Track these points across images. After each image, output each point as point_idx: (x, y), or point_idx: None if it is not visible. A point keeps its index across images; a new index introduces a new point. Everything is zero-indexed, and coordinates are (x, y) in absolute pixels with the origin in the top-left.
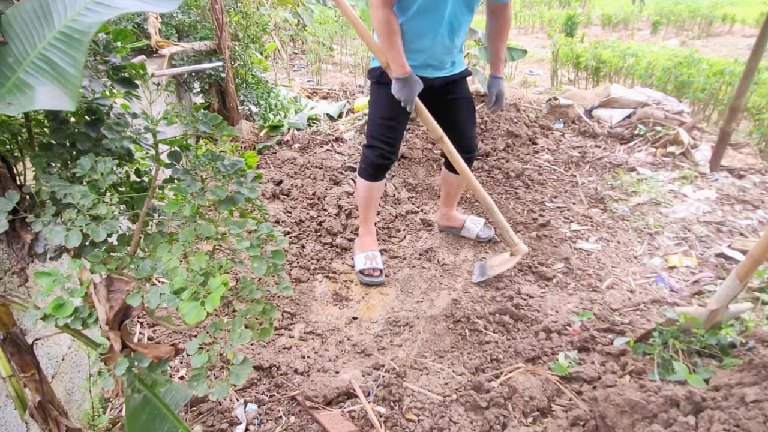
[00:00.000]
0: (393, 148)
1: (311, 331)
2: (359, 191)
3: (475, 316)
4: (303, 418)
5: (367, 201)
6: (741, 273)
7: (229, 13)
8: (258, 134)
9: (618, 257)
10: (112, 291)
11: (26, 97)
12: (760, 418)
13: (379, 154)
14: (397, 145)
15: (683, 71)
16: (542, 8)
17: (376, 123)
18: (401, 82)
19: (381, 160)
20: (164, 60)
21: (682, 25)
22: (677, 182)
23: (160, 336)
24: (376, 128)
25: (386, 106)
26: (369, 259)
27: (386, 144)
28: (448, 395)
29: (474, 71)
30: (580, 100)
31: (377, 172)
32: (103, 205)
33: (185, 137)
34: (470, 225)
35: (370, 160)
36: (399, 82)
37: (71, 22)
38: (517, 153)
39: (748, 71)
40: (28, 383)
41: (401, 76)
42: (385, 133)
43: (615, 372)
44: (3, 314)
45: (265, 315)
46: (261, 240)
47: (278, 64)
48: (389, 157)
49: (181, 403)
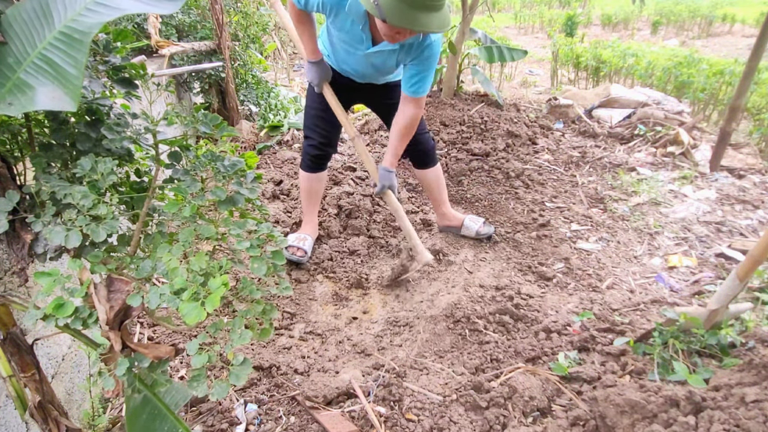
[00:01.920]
0: (326, 140)
1: (311, 331)
2: (300, 183)
3: (475, 316)
4: (303, 418)
5: (308, 192)
6: (741, 273)
7: (229, 13)
8: (258, 134)
9: (618, 257)
10: (112, 291)
11: (27, 97)
12: (760, 418)
13: (312, 144)
14: (332, 137)
15: (683, 71)
16: (542, 8)
17: (308, 114)
18: (309, 64)
19: (315, 150)
20: (164, 60)
21: (682, 25)
22: (677, 182)
23: (160, 336)
24: (308, 119)
25: (317, 98)
26: (299, 240)
27: (319, 135)
28: (448, 395)
29: (474, 71)
30: (580, 100)
31: (314, 163)
32: (103, 206)
33: (185, 137)
34: (469, 223)
35: (306, 152)
36: (308, 64)
37: (72, 23)
38: (517, 153)
39: (748, 71)
40: (28, 383)
41: (312, 60)
42: (318, 123)
43: (615, 372)
44: (3, 314)
45: (265, 315)
46: (261, 240)
47: (278, 64)
48: (323, 149)
49: (181, 403)
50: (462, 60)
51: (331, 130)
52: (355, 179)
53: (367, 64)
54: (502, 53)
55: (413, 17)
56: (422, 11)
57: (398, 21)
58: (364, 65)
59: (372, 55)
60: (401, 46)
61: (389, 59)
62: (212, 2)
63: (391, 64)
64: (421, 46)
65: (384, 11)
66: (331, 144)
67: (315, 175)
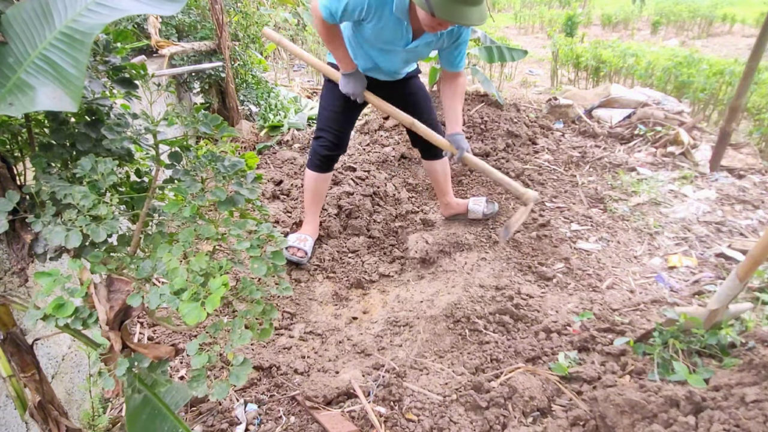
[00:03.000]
0: (338, 140)
1: (311, 331)
2: (306, 182)
3: (475, 316)
4: (303, 418)
5: (312, 192)
6: (741, 273)
7: (229, 13)
8: (258, 134)
9: (618, 257)
10: (112, 291)
11: (27, 97)
12: (760, 418)
13: (324, 145)
14: (344, 139)
15: (683, 71)
16: (542, 8)
17: (323, 115)
18: (346, 77)
19: (326, 151)
20: (164, 60)
21: (682, 25)
22: (677, 182)
23: (160, 336)
24: (322, 120)
25: (334, 100)
26: (300, 240)
27: (332, 135)
28: (448, 395)
29: (474, 71)
30: (580, 100)
31: (323, 163)
32: (103, 206)
33: (185, 138)
34: (474, 207)
35: (316, 151)
36: (345, 77)
37: (72, 23)
38: (517, 153)
39: (748, 71)
40: (28, 383)
41: (347, 72)
42: (331, 125)
43: (615, 372)
44: (3, 314)
45: (265, 315)
46: (261, 240)
47: (278, 64)
48: (334, 149)
49: (181, 403)
50: None
51: (344, 132)
52: (355, 179)
53: (400, 60)
54: (502, 53)
55: (458, 11)
56: (466, 5)
57: (445, 14)
58: (398, 61)
59: (411, 50)
60: (438, 37)
61: (425, 51)
62: (212, 2)
63: (425, 54)
64: (456, 34)
65: (433, 5)
66: (341, 146)
67: (322, 175)
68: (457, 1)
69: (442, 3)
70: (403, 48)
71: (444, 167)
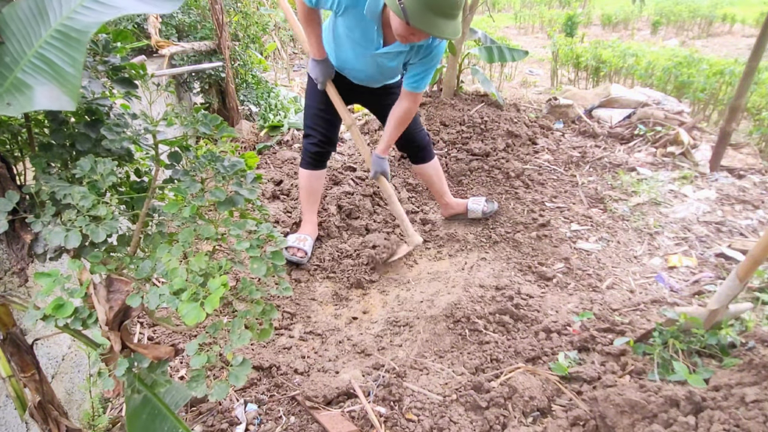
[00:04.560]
0: (326, 138)
1: (311, 331)
2: (300, 181)
3: (475, 316)
4: (303, 418)
5: (307, 191)
6: (741, 273)
7: (229, 13)
8: (258, 134)
9: (618, 257)
10: (112, 291)
11: (25, 97)
12: (760, 418)
13: (312, 142)
14: (332, 135)
15: (683, 71)
16: (542, 8)
17: (308, 113)
18: (314, 62)
19: (315, 148)
20: (164, 60)
21: (682, 25)
22: (677, 182)
23: (160, 336)
24: (309, 118)
25: (318, 96)
26: (299, 240)
27: (319, 133)
28: (448, 395)
29: (474, 71)
30: (580, 100)
31: (315, 160)
32: (102, 206)
33: (185, 138)
34: (473, 206)
35: (306, 149)
36: (314, 62)
37: (67, 21)
38: (517, 153)
39: (748, 71)
40: (28, 383)
41: (317, 58)
42: (318, 122)
43: (615, 372)
44: (3, 314)
45: (265, 315)
46: (261, 241)
47: (278, 64)
48: (323, 146)
49: (181, 403)
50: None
51: (331, 128)
52: (355, 179)
53: (373, 64)
54: (502, 53)
55: (433, 22)
56: (442, 18)
57: (419, 24)
58: (370, 65)
59: (381, 55)
60: (411, 48)
61: (396, 59)
62: (212, 2)
63: (396, 64)
64: (429, 48)
65: (408, 13)
66: (330, 142)
67: (315, 172)
68: (434, 12)
69: (418, 12)
70: (373, 52)
71: (436, 169)
